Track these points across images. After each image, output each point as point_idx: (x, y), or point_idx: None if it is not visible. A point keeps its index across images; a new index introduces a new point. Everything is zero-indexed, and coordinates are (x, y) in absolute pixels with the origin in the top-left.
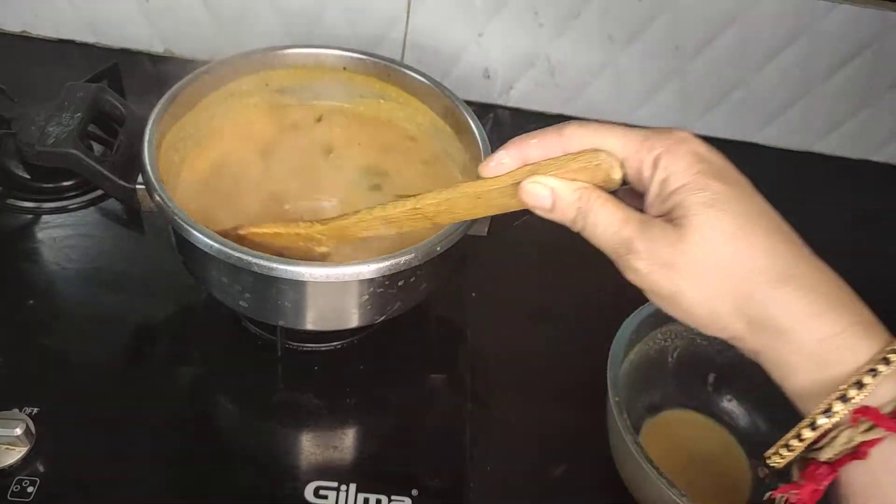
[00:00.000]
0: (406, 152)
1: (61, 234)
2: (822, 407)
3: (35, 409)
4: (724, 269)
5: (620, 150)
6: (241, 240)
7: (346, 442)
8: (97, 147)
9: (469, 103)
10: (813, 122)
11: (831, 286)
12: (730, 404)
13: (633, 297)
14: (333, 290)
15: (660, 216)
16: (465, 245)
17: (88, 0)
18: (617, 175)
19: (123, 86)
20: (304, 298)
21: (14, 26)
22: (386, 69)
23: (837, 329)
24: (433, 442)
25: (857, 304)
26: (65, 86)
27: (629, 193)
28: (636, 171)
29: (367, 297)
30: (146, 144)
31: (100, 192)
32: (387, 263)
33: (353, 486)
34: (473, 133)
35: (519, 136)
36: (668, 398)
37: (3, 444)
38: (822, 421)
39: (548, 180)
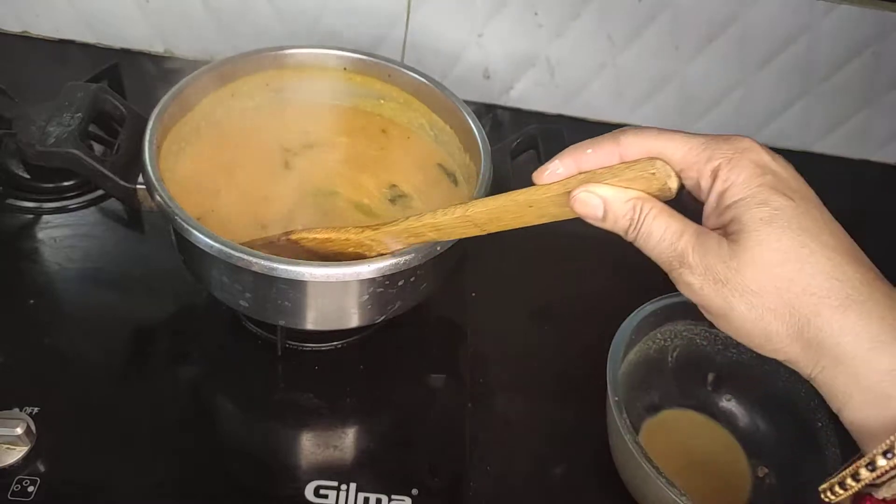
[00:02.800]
0: (406, 152)
1: (62, 233)
2: (883, 447)
3: (36, 409)
4: (780, 290)
5: (679, 159)
6: (292, 244)
7: (346, 441)
8: (97, 147)
9: (469, 103)
10: (813, 122)
11: None
12: (729, 404)
13: (634, 297)
14: (334, 290)
15: (717, 229)
16: (465, 245)
17: (89, 0)
18: (673, 185)
19: (124, 86)
20: (305, 298)
21: (14, 26)
22: (386, 69)
23: None
24: (433, 442)
25: None
26: (65, 86)
27: (690, 196)
28: (694, 181)
29: (367, 297)
30: (146, 144)
31: (100, 191)
32: (387, 263)
33: (353, 486)
34: (473, 133)
35: (574, 145)
36: (667, 398)
37: (4, 444)
38: (882, 462)
39: (599, 189)
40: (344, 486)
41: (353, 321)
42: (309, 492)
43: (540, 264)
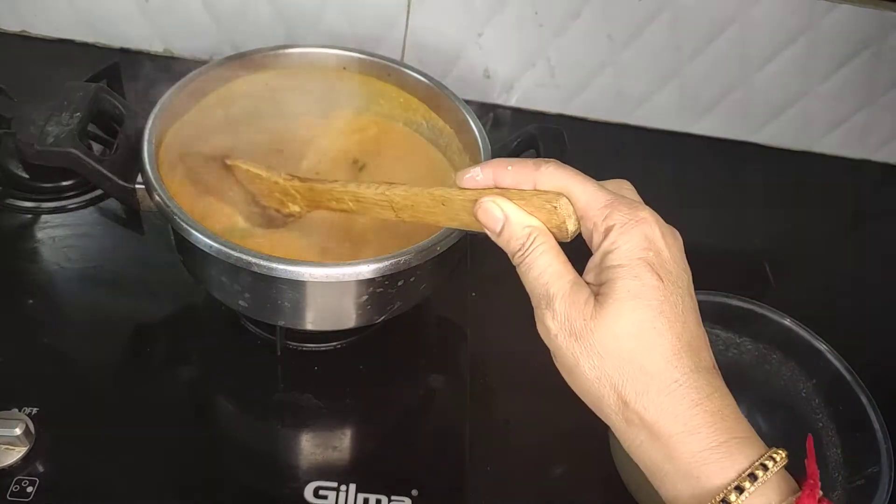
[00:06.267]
0: (404, 153)
1: (61, 233)
2: None
3: (35, 409)
4: (621, 361)
5: (583, 205)
6: (226, 169)
7: (345, 442)
8: (97, 146)
9: (469, 103)
10: (813, 122)
11: (717, 400)
12: None
13: None
14: (333, 290)
15: (593, 284)
16: (465, 245)
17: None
18: (571, 227)
19: (123, 85)
20: (304, 298)
21: (14, 26)
22: (386, 69)
23: (713, 444)
24: (433, 442)
25: (740, 420)
26: (64, 85)
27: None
28: (589, 232)
29: (366, 297)
30: (146, 144)
31: (99, 191)
32: (387, 263)
33: (352, 487)
34: (473, 133)
35: (498, 158)
36: None
37: (3, 444)
38: None
39: (505, 204)
40: (343, 487)
41: (353, 321)
42: (308, 492)
43: None
